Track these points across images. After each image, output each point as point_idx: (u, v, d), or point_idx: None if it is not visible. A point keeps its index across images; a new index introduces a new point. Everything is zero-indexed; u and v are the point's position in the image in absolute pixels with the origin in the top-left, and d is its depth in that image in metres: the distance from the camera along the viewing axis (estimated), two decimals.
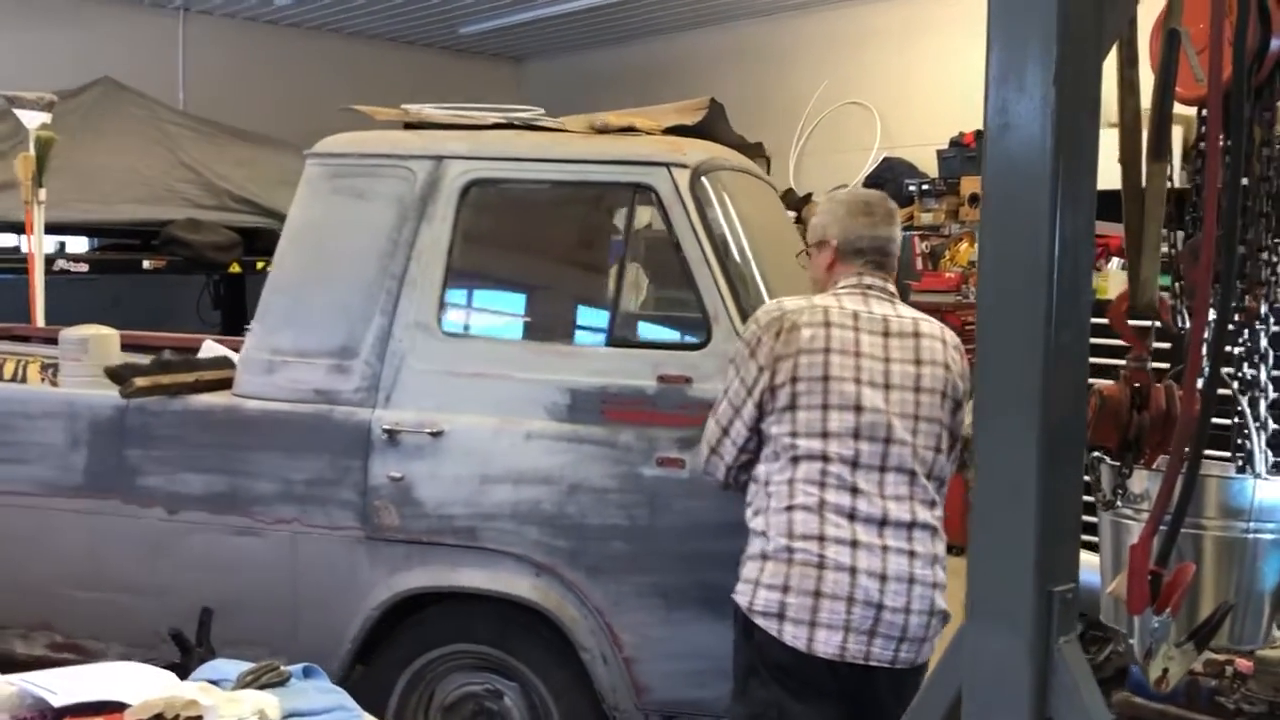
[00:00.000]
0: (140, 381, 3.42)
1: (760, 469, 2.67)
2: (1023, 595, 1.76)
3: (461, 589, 3.24)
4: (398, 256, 3.30)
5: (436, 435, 3.20)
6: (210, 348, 4.16)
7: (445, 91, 11.07)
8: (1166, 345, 2.35)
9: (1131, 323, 2.12)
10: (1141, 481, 2.10)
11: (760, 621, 2.55)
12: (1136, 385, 2.04)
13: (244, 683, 2.24)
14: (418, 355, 3.27)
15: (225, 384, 3.55)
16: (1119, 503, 2.11)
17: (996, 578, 1.79)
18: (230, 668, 2.32)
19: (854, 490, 2.54)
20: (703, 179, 3.26)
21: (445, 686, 3.34)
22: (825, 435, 2.57)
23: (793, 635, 2.51)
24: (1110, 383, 2.07)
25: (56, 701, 1.95)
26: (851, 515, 2.53)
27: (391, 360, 3.27)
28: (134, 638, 3.44)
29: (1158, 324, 2.10)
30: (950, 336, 2.77)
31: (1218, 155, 1.74)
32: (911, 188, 7.94)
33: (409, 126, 3.61)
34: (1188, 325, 2.06)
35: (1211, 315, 1.80)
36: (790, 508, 2.56)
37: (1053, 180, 1.69)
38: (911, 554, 2.54)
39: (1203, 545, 2.09)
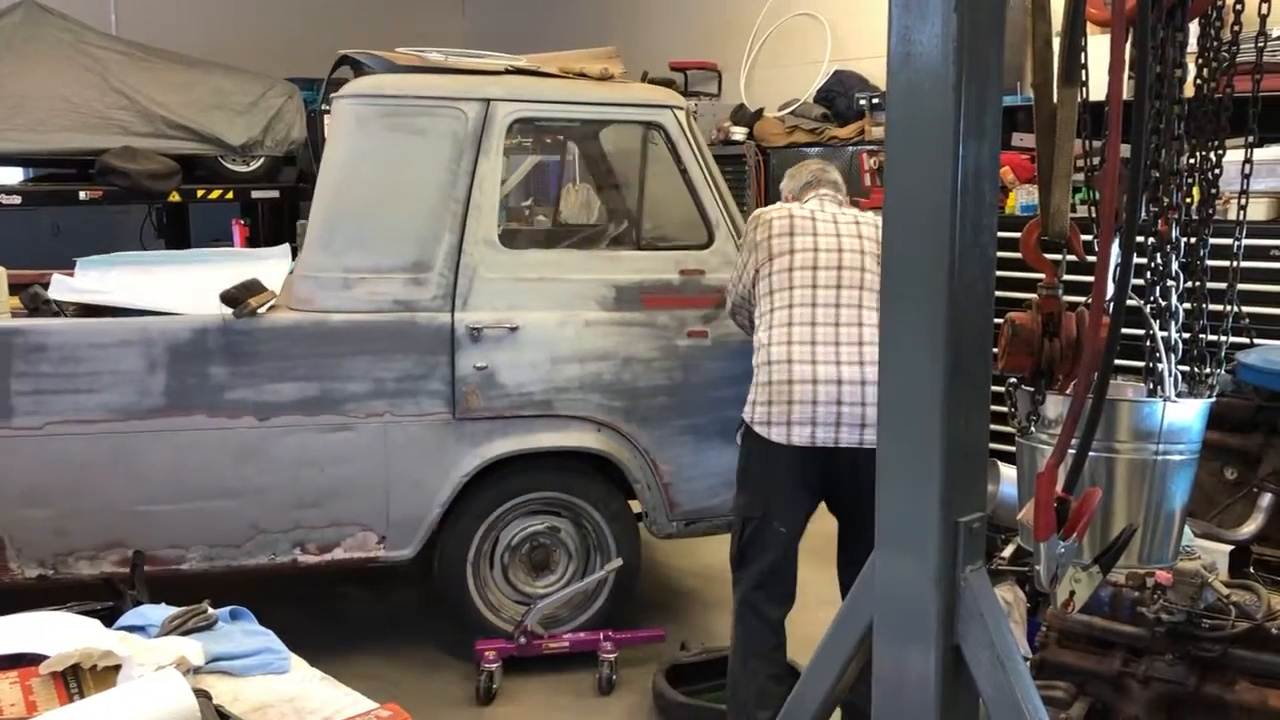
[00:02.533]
0: (253, 302, 3.84)
1: (756, 318, 3.60)
2: (929, 526, 1.78)
3: (539, 449, 4.13)
4: (459, 184, 3.98)
5: (513, 330, 4.04)
6: (60, 281, 4.27)
7: (383, 11, 10.82)
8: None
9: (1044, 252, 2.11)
10: (1056, 407, 2.11)
11: (755, 428, 3.44)
12: (1048, 313, 2.04)
13: (169, 628, 2.25)
14: (487, 266, 4.02)
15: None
16: (1033, 429, 2.13)
17: (903, 509, 1.81)
18: (156, 613, 2.32)
19: (812, 324, 3.44)
20: (691, 119, 4.26)
21: (509, 531, 4.25)
22: (790, 289, 3.50)
23: (776, 434, 3.40)
24: (1023, 312, 2.06)
25: None
26: (812, 341, 3.42)
27: (465, 271, 4.00)
28: (218, 539, 3.93)
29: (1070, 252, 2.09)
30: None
31: (1122, 77, 1.72)
32: (862, 101, 7.85)
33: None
34: None
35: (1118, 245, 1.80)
36: (769, 343, 3.46)
37: (956, 111, 1.67)
38: (862, 362, 3.38)
39: (1114, 468, 2.11)
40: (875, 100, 7.68)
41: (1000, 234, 1.87)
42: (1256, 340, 2.88)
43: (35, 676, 1.89)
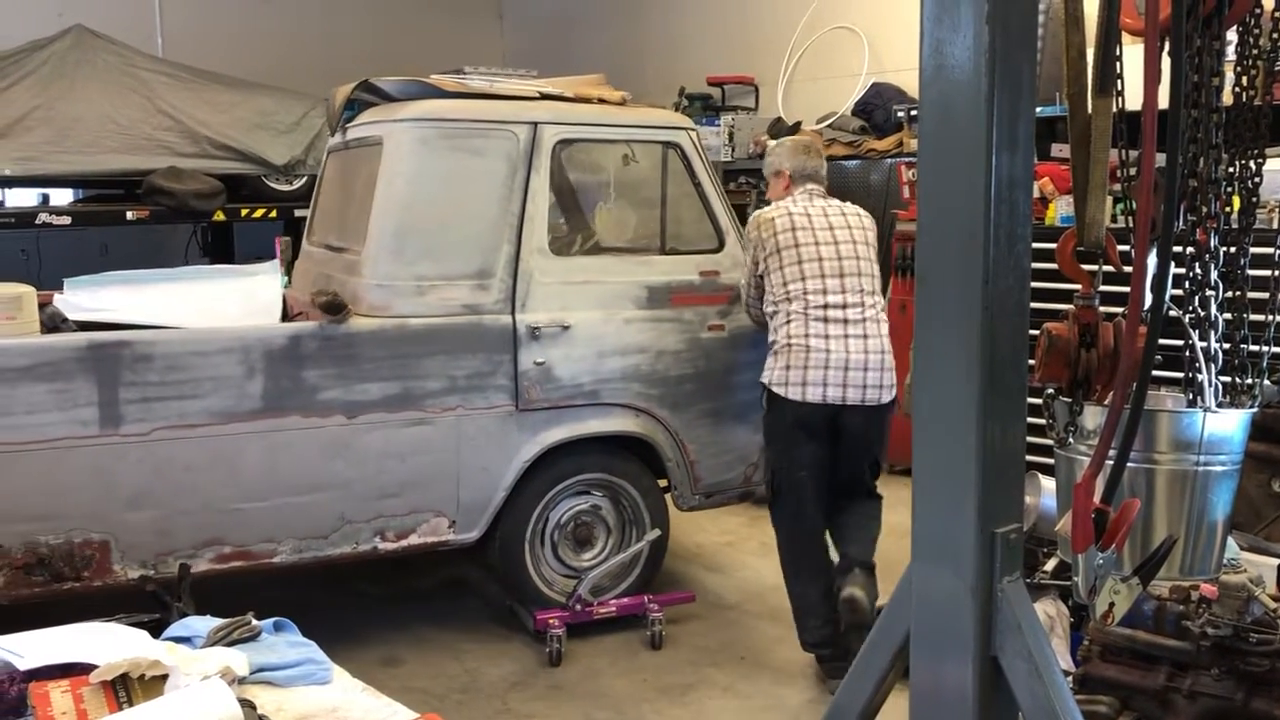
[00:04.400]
0: (352, 310, 4.18)
1: (770, 307, 4.25)
2: (966, 537, 1.78)
3: (588, 435, 4.53)
4: (514, 198, 4.37)
5: (566, 328, 4.43)
6: (67, 301, 4.41)
7: (424, 30, 10.94)
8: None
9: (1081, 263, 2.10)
10: (1094, 418, 2.10)
11: (776, 390, 4.13)
12: (1085, 323, 2.03)
13: (214, 639, 2.28)
14: (541, 272, 4.41)
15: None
16: (1071, 439, 2.12)
17: (940, 520, 1.81)
18: (202, 624, 2.36)
19: (824, 307, 4.12)
20: (699, 139, 4.84)
21: (558, 510, 4.62)
22: (802, 279, 4.15)
23: (794, 393, 4.09)
24: (1060, 323, 2.06)
25: (24, 665, 1.98)
26: (824, 320, 4.11)
27: (523, 277, 4.38)
28: (307, 531, 4.16)
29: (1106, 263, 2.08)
30: (865, 212, 4.40)
31: (1156, 87, 1.71)
32: (900, 113, 7.83)
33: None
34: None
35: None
36: (789, 323, 4.15)
37: (988, 122, 1.67)
38: (864, 336, 4.10)
39: (1154, 479, 2.10)
40: (913, 112, 7.66)
41: (1038, 245, 1.87)
42: None
43: (86, 685, 1.93)
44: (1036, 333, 2.07)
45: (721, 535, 5.92)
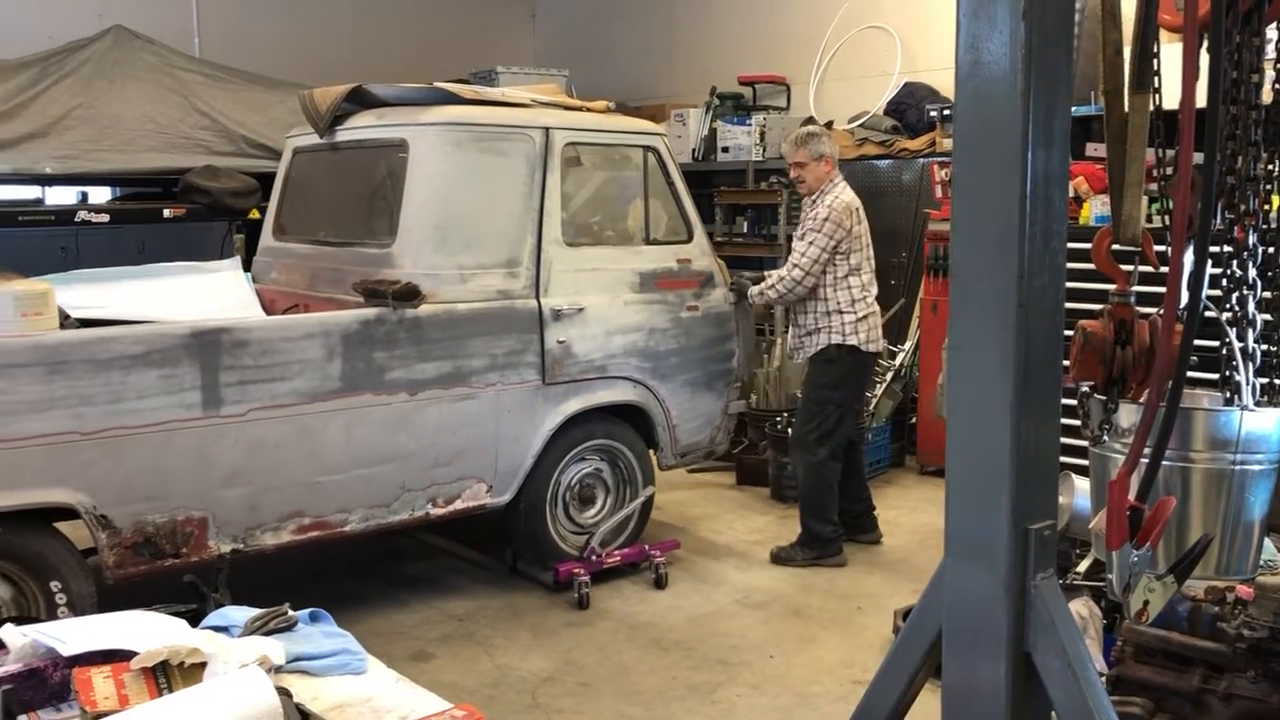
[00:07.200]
0: (421, 296, 4.55)
1: (843, 280, 5.33)
2: (999, 533, 1.77)
3: (598, 405, 5.11)
4: (533, 196, 4.85)
5: (580, 310, 4.98)
6: (62, 297, 4.47)
7: (457, 30, 10.98)
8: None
9: (1118, 257, 2.09)
10: (1129, 415, 2.09)
11: (850, 341, 5.33)
12: (1121, 320, 2.02)
13: (251, 629, 2.31)
14: (558, 260, 4.92)
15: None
16: (1105, 437, 2.11)
17: (973, 517, 1.81)
18: (239, 614, 2.38)
19: (869, 283, 5.44)
20: (667, 145, 5.52)
21: (568, 474, 5.18)
22: (868, 259, 5.42)
23: (872, 348, 5.43)
24: (1095, 320, 2.05)
25: (66, 651, 2.01)
26: (873, 288, 5.46)
27: (545, 265, 4.89)
28: (373, 501, 4.52)
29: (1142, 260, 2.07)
30: None
31: (1194, 83, 1.70)
32: (933, 113, 7.81)
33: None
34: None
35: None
36: (866, 295, 5.38)
37: (1024, 118, 1.67)
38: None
39: (1190, 477, 2.09)
40: (946, 112, 7.63)
41: (1073, 245, 1.86)
42: None
43: (127, 671, 1.96)
44: (1070, 331, 2.06)
45: (750, 534, 5.93)
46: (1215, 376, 2.12)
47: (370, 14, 10.38)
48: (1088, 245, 2.16)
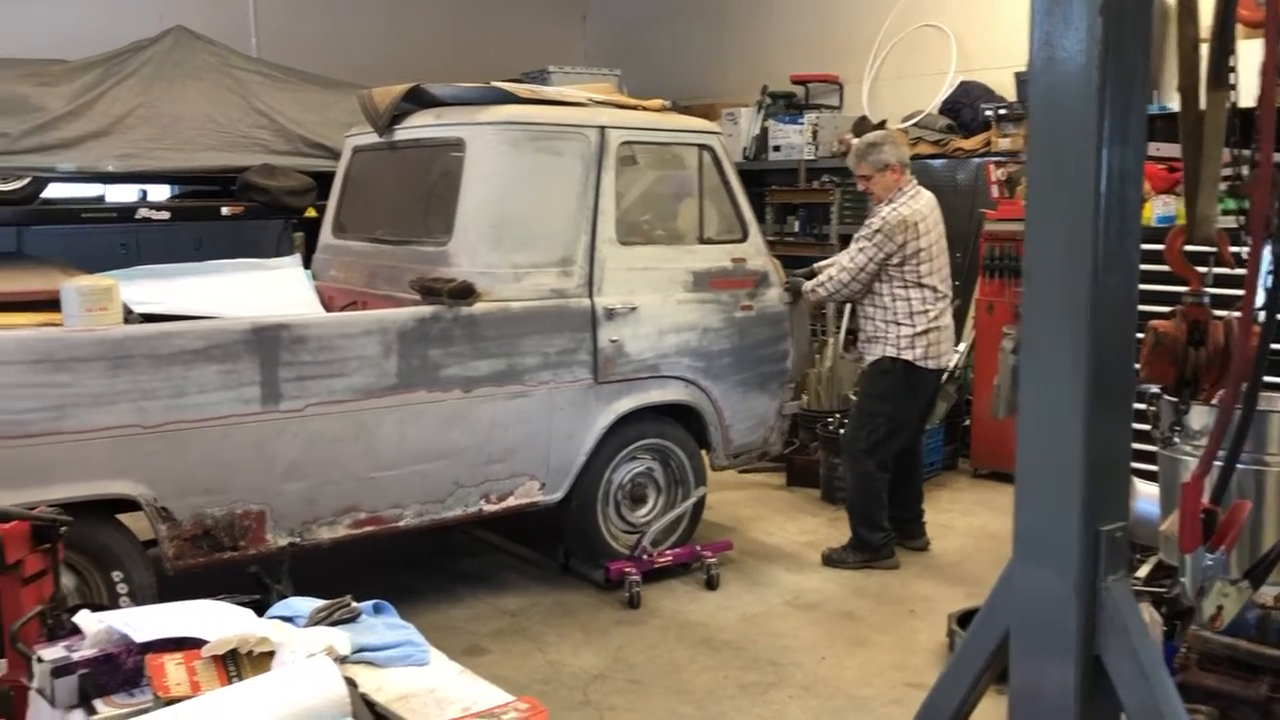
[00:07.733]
0: (476, 294, 4.57)
1: (901, 291, 5.23)
2: (1070, 535, 1.75)
3: (650, 404, 5.10)
4: (588, 195, 4.86)
5: (633, 309, 4.97)
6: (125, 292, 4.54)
7: (509, 30, 11.05)
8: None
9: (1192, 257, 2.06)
10: (1200, 417, 2.06)
11: (905, 356, 5.22)
12: (1194, 321, 1.99)
13: (316, 619, 2.35)
14: (612, 259, 4.92)
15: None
16: (1176, 439, 2.08)
17: (1043, 518, 1.79)
18: (304, 605, 2.42)
19: (942, 297, 5.28)
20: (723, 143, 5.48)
21: (620, 473, 5.16)
22: (933, 273, 5.23)
23: (931, 364, 5.29)
24: (1167, 320, 2.02)
25: (139, 637, 2.06)
26: (945, 301, 5.29)
27: (599, 264, 4.88)
28: (428, 496, 4.55)
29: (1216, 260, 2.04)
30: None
31: (1274, 81, 1.67)
32: (989, 112, 7.71)
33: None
34: None
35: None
36: (927, 309, 5.22)
37: (1099, 116, 1.65)
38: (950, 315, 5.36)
39: (1265, 481, 2.05)
40: (1002, 111, 7.54)
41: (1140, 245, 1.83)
42: None
43: (198, 658, 2.00)
44: (1140, 334, 2.03)
45: (801, 535, 5.91)
46: None
47: (422, 14, 10.47)
48: (1155, 246, 2.12)
